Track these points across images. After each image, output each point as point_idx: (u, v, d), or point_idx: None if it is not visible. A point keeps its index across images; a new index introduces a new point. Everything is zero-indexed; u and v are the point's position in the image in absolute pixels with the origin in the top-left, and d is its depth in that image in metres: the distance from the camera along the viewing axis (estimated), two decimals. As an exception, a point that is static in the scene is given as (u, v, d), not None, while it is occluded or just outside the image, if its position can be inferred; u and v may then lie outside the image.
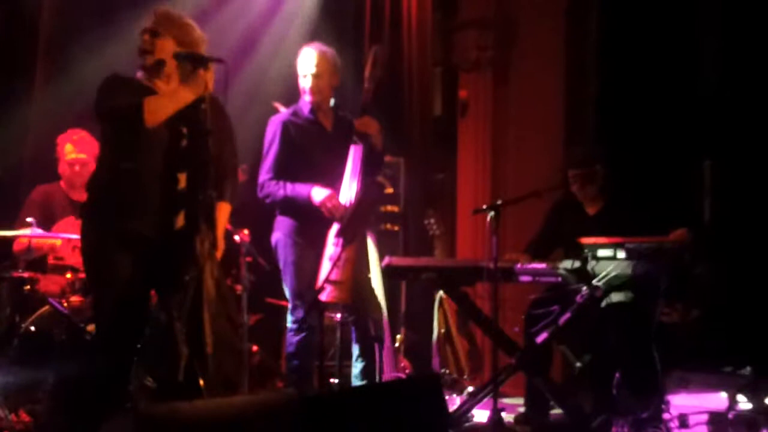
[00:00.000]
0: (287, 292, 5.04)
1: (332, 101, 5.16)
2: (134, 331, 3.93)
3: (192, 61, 3.91)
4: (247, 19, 6.62)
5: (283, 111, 5.18)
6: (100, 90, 3.91)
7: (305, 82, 5.06)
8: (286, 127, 5.02)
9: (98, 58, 5.50)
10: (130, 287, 3.85)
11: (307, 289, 4.87)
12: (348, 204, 4.86)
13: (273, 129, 5.04)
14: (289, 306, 5.03)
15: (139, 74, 4.04)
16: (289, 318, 5.02)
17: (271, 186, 4.96)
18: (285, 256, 5.01)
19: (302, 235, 4.98)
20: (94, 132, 5.21)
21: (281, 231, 5.04)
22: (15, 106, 5.97)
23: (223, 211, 4.13)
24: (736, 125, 5.97)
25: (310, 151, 5.02)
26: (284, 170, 4.97)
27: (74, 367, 4.45)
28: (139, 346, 4.02)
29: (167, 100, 3.88)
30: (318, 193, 4.87)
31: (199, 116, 3.88)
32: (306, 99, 5.07)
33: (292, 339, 4.98)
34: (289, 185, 4.93)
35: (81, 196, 4.57)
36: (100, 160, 4.12)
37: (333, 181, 4.91)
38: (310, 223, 4.91)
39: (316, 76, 5.03)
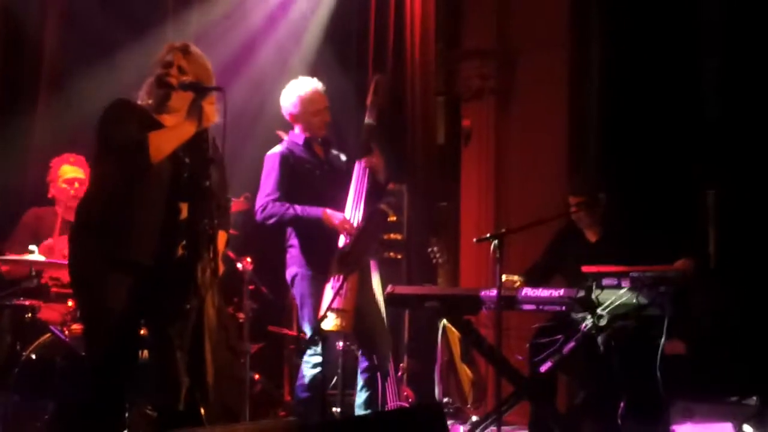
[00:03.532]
0: (305, 326, 5.00)
1: None
2: (124, 358, 3.84)
3: (194, 90, 3.88)
4: (249, 45, 6.63)
5: (285, 139, 5.17)
6: (108, 117, 3.84)
7: (324, 115, 5.09)
8: (285, 158, 5.01)
9: (100, 88, 5.49)
10: (120, 314, 3.78)
11: None
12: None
13: (271, 161, 5.02)
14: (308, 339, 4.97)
15: (142, 98, 3.95)
16: (308, 351, 4.97)
17: (276, 207, 4.90)
18: (302, 290, 4.96)
19: (318, 269, 4.93)
20: (89, 157, 5.19)
21: (297, 265, 5.00)
22: (16, 135, 5.96)
23: (221, 239, 4.09)
24: (741, 153, 5.96)
25: (311, 180, 5.01)
26: (286, 197, 4.94)
27: (74, 396, 4.41)
28: (132, 372, 3.94)
29: (171, 134, 3.83)
30: (334, 216, 4.86)
31: (201, 146, 3.87)
32: (302, 134, 5.09)
33: (307, 371, 4.94)
34: (298, 206, 4.89)
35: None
36: (94, 184, 4.01)
37: (334, 209, 4.90)
38: (324, 255, 4.88)
39: (328, 109, 5.10)
